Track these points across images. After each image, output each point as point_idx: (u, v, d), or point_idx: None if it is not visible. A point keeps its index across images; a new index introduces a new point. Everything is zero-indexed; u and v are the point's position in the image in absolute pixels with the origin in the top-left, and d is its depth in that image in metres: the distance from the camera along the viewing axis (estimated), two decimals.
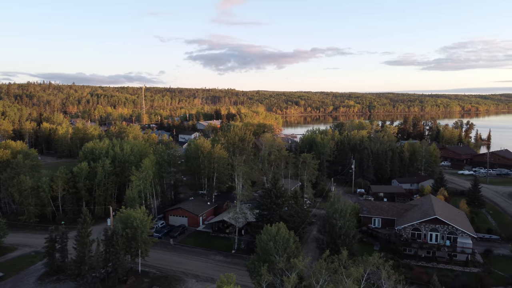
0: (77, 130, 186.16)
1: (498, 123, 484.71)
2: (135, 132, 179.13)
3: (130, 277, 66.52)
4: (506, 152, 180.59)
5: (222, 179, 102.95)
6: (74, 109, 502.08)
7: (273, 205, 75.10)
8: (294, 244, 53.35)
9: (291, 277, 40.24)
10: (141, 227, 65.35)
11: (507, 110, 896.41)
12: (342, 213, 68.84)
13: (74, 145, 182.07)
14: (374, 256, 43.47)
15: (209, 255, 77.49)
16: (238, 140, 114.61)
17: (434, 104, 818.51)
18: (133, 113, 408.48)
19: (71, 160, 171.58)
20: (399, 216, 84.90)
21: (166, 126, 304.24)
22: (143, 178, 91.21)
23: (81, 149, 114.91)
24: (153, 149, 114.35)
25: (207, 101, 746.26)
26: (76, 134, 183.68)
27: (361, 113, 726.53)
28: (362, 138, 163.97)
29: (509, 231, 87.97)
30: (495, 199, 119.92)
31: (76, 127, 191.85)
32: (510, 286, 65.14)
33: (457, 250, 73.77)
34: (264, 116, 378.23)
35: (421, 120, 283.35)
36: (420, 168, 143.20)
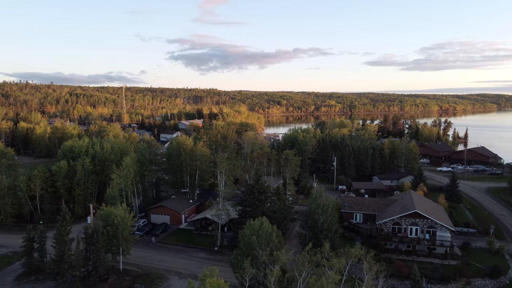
0: (55, 129, 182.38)
1: (474, 122, 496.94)
2: (116, 131, 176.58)
3: (111, 276, 65.58)
4: (483, 149, 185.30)
5: (205, 177, 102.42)
6: (52, 109, 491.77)
7: (255, 201, 75.18)
8: (277, 238, 53.53)
9: (274, 270, 40.34)
10: (122, 224, 64.48)
11: (483, 110, 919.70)
12: (324, 208, 69.48)
13: (52, 145, 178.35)
14: (356, 248, 43.97)
15: (192, 253, 77.01)
16: (221, 138, 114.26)
17: (413, 104, 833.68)
18: (113, 113, 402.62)
19: (50, 160, 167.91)
20: (380, 211, 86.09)
21: (147, 125, 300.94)
22: (124, 176, 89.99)
23: (59, 148, 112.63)
24: (134, 147, 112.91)
25: (189, 101, 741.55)
26: (55, 134, 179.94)
27: (342, 112, 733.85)
28: (344, 136, 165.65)
29: (485, 225, 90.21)
30: (472, 194, 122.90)
31: (55, 126, 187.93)
32: (487, 277, 66.94)
33: (436, 244, 75.27)
34: (246, 115, 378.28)
35: (400, 119, 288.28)
36: (400, 165, 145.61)
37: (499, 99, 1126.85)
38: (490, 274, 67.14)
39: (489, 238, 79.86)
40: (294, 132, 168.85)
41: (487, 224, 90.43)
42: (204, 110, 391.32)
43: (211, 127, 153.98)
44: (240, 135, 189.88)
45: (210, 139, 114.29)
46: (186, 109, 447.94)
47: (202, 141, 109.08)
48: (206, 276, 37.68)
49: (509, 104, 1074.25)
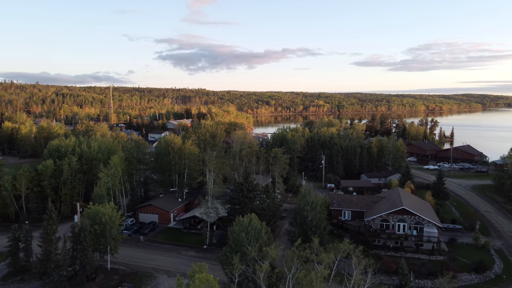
0: (41, 129, 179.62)
1: (460, 121, 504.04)
2: (103, 130, 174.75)
3: (99, 275, 64.90)
4: (468, 148, 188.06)
5: (193, 175, 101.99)
6: (38, 108, 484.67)
7: (244, 199, 75.10)
8: (266, 235, 53.57)
9: (264, 265, 40.33)
10: (110, 223, 63.85)
11: (468, 110, 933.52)
12: (313, 205, 69.78)
13: (38, 145, 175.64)
14: (344, 243, 44.22)
15: (181, 251, 76.62)
16: (209, 137, 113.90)
17: (400, 104, 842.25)
18: (100, 112, 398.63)
19: (35, 160, 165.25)
20: (368, 208, 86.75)
21: (135, 125, 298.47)
22: (111, 175, 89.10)
23: (45, 148, 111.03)
24: (122, 146, 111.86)
25: (177, 101, 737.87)
26: (41, 134, 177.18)
27: (331, 112, 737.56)
28: (332, 135, 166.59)
29: (471, 221, 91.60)
30: (459, 191, 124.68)
31: (41, 126, 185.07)
32: (473, 271, 67.95)
33: (423, 240, 76.11)
34: (235, 115, 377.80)
35: (388, 118, 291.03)
36: (388, 163, 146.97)
37: (484, 99, 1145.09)
38: (476, 269, 68.20)
39: (475, 234, 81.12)
40: (283, 131, 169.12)
41: (473, 220, 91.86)
42: (193, 110, 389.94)
43: (200, 126, 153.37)
44: (229, 135, 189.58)
45: (199, 137, 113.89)
46: (175, 109, 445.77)
47: (190, 139, 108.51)
48: (195, 272, 37.51)
49: (493, 104, 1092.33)
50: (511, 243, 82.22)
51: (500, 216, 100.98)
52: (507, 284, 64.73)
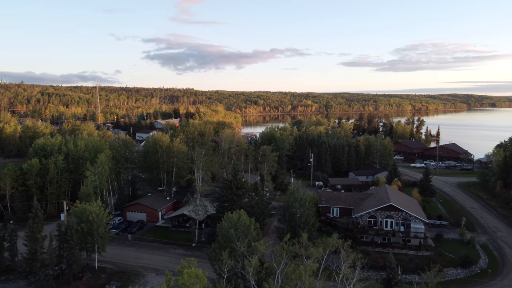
0: (26, 128, 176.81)
1: (446, 121, 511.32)
2: (90, 129, 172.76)
3: (86, 273, 64.23)
4: (454, 146, 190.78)
5: (182, 174, 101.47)
6: (23, 108, 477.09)
7: (233, 196, 74.97)
8: (255, 231, 53.59)
9: (253, 260, 40.32)
10: (97, 221, 63.20)
11: (453, 109, 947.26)
12: (302, 202, 69.97)
13: (23, 144, 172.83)
14: (333, 237, 44.46)
15: (169, 249, 76.20)
16: (198, 135, 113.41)
17: (387, 104, 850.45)
18: (87, 112, 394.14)
19: (20, 159, 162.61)
20: (356, 205, 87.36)
21: (122, 125, 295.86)
22: (98, 174, 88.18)
23: (31, 147, 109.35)
24: (109, 145, 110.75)
25: (165, 101, 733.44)
26: (26, 133, 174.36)
27: (319, 112, 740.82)
28: (320, 133, 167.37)
29: (457, 217, 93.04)
30: (445, 188, 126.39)
31: (26, 125, 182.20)
32: (459, 266, 69.00)
33: (410, 236, 76.97)
34: (223, 115, 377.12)
35: (375, 117, 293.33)
36: (375, 161, 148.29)
37: (469, 99, 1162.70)
38: (462, 263, 69.30)
39: (461, 229, 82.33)
40: (271, 130, 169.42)
41: (458, 216, 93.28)
42: (181, 109, 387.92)
43: (188, 125, 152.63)
44: (217, 134, 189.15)
45: (187, 136, 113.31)
46: (162, 109, 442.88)
47: (179, 138, 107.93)
48: (184, 267, 37.30)
49: (478, 104, 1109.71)
50: (495, 238, 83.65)
51: (485, 212, 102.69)
52: (492, 278, 65.85)
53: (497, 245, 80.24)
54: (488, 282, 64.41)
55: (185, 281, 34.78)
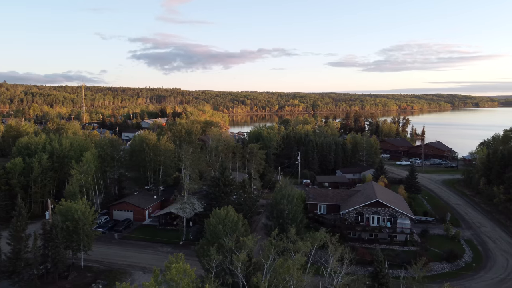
0: (9, 128, 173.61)
1: (431, 120, 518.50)
2: (75, 128, 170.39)
3: (72, 273, 63.32)
4: (439, 144, 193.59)
5: (169, 172, 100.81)
6: (5, 108, 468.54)
7: (221, 194, 74.75)
8: (243, 227, 53.49)
9: (241, 255, 40.24)
10: (83, 219, 62.45)
11: (438, 109, 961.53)
12: (290, 198, 70.15)
13: (6, 144, 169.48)
14: (321, 231, 44.64)
15: (156, 247, 75.64)
16: (185, 133, 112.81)
17: (373, 103, 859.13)
18: (72, 112, 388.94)
19: (3, 159, 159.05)
20: (343, 201, 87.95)
21: (108, 124, 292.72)
22: (84, 172, 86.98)
23: (14, 146, 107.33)
24: (94, 143, 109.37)
25: (152, 101, 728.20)
26: (9, 132, 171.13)
27: (306, 111, 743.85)
28: (307, 132, 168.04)
29: (442, 213, 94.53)
30: (430, 186, 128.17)
31: (9, 124, 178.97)
32: (444, 261, 70.03)
33: (397, 231, 77.77)
34: (210, 114, 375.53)
35: (362, 116, 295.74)
36: (362, 159, 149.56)
37: (453, 99, 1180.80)
38: (447, 258, 70.36)
39: (446, 225, 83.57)
40: (259, 129, 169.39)
41: (443, 212, 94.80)
42: (168, 109, 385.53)
43: (175, 123, 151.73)
44: (204, 133, 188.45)
45: (174, 134, 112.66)
46: (149, 109, 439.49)
47: (166, 136, 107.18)
48: (171, 262, 37.05)
49: (462, 104, 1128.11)
50: (479, 233, 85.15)
51: (469, 208, 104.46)
52: (477, 272, 66.97)
53: (481, 240, 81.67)
54: (473, 276, 65.50)
55: (173, 276, 34.56)
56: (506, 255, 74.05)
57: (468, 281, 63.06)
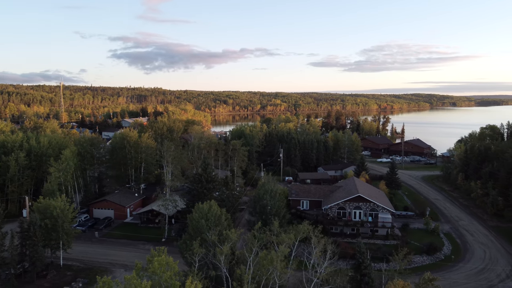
0: None
1: (410, 119, 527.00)
2: (53, 126, 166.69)
3: (51, 271, 62.04)
4: (418, 141, 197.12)
5: (150, 169, 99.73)
6: None
7: (203, 190, 74.31)
8: (226, 221, 53.26)
9: (224, 247, 40.03)
10: (62, 216, 61.22)
11: (417, 108, 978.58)
12: (272, 193, 70.22)
13: None
14: (304, 224, 44.80)
15: (138, 245, 74.73)
16: (167, 131, 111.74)
17: (354, 103, 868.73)
18: (50, 111, 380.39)
19: None
20: (325, 197, 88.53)
21: (88, 124, 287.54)
22: (63, 170, 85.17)
23: None
24: (74, 141, 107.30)
25: (133, 100, 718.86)
26: None
27: (288, 111, 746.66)
28: (289, 130, 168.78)
29: (422, 208, 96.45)
30: (410, 182, 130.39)
31: None
32: (424, 253, 71.36)
33: (378, 225, 78.80)
34: (192, 113, 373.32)
35: (343, 114, 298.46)
36: (343, 156, 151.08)
37: (431, 98, 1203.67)
38: (427, 251, 71.77)
39: (426, 219, 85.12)
40: (241, 127, 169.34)
41: (423, 207, 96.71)
42: (149, 108, 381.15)
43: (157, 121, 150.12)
44: (186, 132, 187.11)
45: (156, 132, 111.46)
46: (130, 108, 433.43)
47: (147, 133, 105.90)
48: (153, 255, 36.59)
49: (440, 103, 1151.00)
50: (458, 227, 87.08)
51: (448, 203, 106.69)
52: (456, 264, 68.47)
53: (459, 233, 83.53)
54: (452, 267, 66.94)
55: (155, 269, 34.13)
56: (483, 247, 75.92)
57: (447, 273, 64.35)
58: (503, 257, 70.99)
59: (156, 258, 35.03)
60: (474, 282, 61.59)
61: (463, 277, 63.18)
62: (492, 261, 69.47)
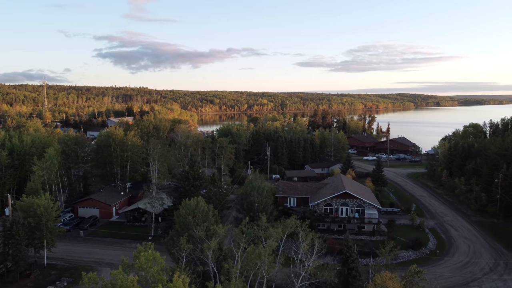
0: None
1: (395, 118, 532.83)
2: (36, 125, 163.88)
3: (35, 271, 60.92)
4: (403, 139, 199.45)
5: (136, 168, 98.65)
6: None
7: (190, 187, 73.81)
8: (214, 217, 52.99)
9: (212, 242, 39.79)
10: (46, 215, 60.13)
11: (402, 108, 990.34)
12: (260, 190, 70.24)
13: None
14: (291, 218, 44.84)
15: (124, 244, 73.92)
16: (153, 129, 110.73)
17: (340, 103, 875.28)
18: (33, 111, 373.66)
19: None
20: (312, 194, 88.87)
21: (72, 123, 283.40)
22: (47, 169, 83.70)
23: None
24: (58, 139, 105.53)
25: (118, 100, 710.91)
26: None
27: (274, 110, 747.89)
28: (276, 128, 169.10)
29: (407, 204, 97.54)
30: (395, 179, 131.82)
31: None
32: (410, 248, 72.17)
33: (365, 221, 79.47)
34: (179, 113, 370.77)
35: (329, 113, 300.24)
36: (330, 154, 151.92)
37: (416, 98, 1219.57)
38: (413, 246, 72.59)
39: (411, 215, 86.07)
40: (228, 126, 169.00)
41: (409, 203, 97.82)
42: (135, 108, 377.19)
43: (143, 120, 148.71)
44: (173, 131, 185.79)
45: (142, 130, 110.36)
46: (115, 108, 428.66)
47: (133, 131, 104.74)
48: (140, 251, 36.16)
49: (424, 103, 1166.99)
50: (442, 223, 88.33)
51: (433, 199, 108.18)
52: (441, 258, 69.38)
53: (444, 228, 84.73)
54: (438, 262, 67.83)
55: (141, 264, 33.72)
56: (467, 241, 77.15)
57: (433, 267, 65.16)
58: (486, 251, 72.26)
59: (143, 253, 34.64)
60: (459, 275, 62.52)
61: (448, 271, 64.11)
62: (476, 255, 70.65)
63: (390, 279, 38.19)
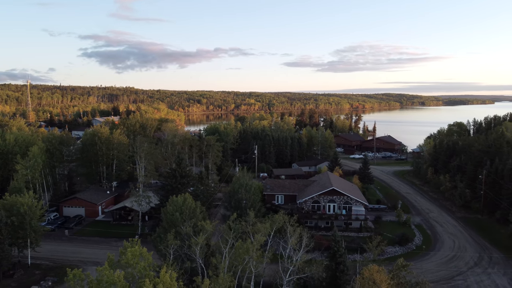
0: None
1: (381, 118, 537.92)
2: (20, 124, 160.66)
3: (18, 271, 59.76)
4: (389, 138, 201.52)
5: (122, 166, 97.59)
6: None
7: (178, 185, 73.35)
8: (201, 214, 52.68)
9: (200, 238, 39.52)
10: (30, 213, 58.98)
11: (388, 108, 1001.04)
12: (247, 187, 70.14)
13: None
14: (279, 213, 44.81)
15: (110, 243, 73.06)
16: (139, 127, 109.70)
17: (327, 102, 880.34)
18: (16, 110, 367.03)
19: None
20: (300, 191, 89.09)
21: (57, 123, 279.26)
22: (31, 167, 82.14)
23: None
24: (42, 138, 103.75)
25: (104, 100, 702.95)
26: None
27: (262, 110, 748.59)
28: (264, 127, 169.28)
29: (394, 201, 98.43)
30: (382, 176, 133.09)
31: None
32: (397, 244, 72.89)
33: (352, 218, 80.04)
34: (166, 113, 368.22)
35: (316, 113, 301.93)
36: (317, 152, 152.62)
37: (401, 98, 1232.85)
38: (400, 241, 73.36)
39: (398, 212, 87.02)
40: (215, 125, 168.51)
41: (395, 200, 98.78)
42: (121, 108, 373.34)
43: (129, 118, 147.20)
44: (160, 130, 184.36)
45: (128, 128, 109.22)
46: (101, 107, 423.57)
47: (119, 130, 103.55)
48: (126, 247, 35.71)
49: (409, 103, 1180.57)
50: (428, 219, 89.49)
51: (419, 196, 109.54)
52: (427, 253, 70.23)
53: (430, 224, 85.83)
54: (424, 257, 68.68)
55: (128, 260, 33.29)
56: (452, 237, 78.23)
57: (419, 262, 65.86)
58: (471, 246, 73.39)
59: (130, 249, 34.21)
60: (445, 270, 63.35)
61: (434, 266, 64.91)
62: (461, 250, 71.69)
63: (377, 272, 38.46)
